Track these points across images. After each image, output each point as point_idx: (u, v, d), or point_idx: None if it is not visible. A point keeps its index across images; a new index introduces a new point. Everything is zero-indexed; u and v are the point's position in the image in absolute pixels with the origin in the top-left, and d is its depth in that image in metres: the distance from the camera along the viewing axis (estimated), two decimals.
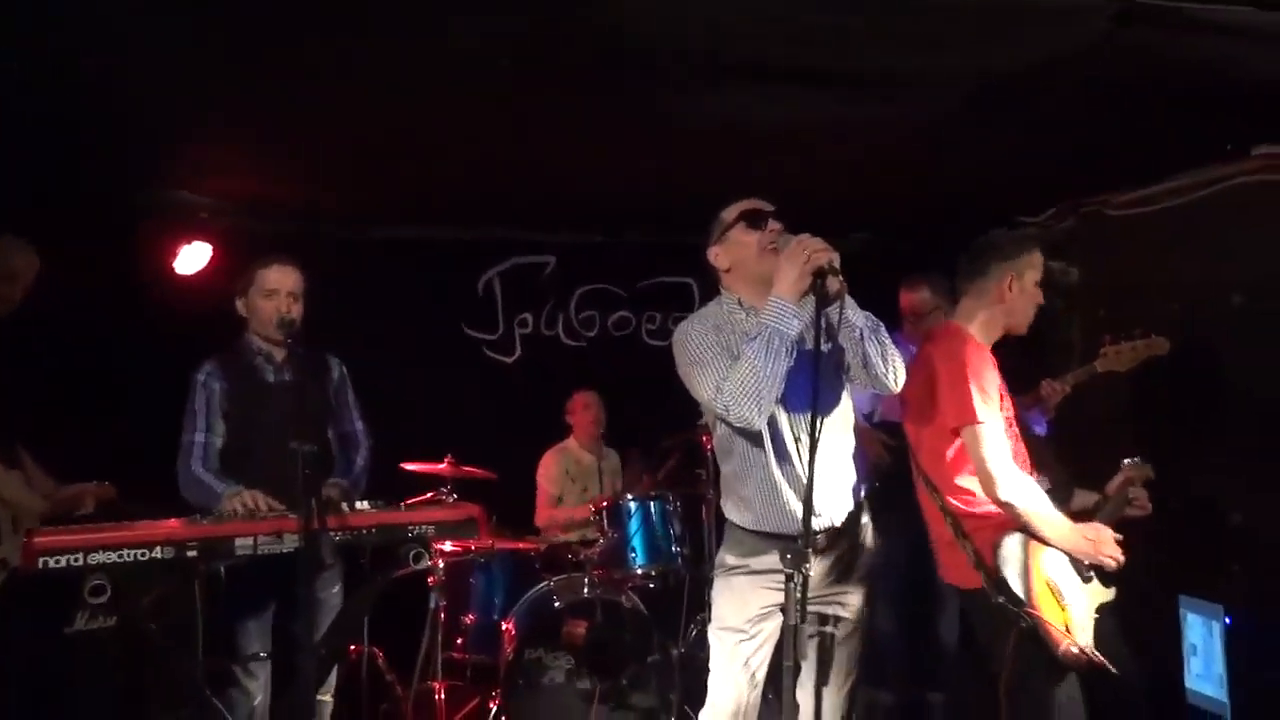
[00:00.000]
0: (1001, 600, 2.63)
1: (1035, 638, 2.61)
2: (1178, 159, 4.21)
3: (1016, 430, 2.88)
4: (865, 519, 2.69)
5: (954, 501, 2.78)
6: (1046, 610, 2.64)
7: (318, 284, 3.38)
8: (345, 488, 3.14)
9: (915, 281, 4.22)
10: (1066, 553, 2.75)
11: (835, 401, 2.60)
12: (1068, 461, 3.18)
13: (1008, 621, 2.63)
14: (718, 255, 2.65)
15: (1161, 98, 3.39)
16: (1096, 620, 2.76)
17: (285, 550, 2.75)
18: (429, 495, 3.86)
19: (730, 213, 2.63)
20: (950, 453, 2.77)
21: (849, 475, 2.65)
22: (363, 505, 2.95)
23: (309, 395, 3.13)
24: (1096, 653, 2.66)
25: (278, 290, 3.22)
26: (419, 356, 5.04)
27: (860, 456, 2.69)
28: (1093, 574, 2.81)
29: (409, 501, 3.34)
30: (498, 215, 5.07)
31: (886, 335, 2.54)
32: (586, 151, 3.87)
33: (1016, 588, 2.63)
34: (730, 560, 2.64)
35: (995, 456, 2.66)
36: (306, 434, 2.76)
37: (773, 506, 2.55)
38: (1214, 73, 3.14)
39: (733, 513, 2.66)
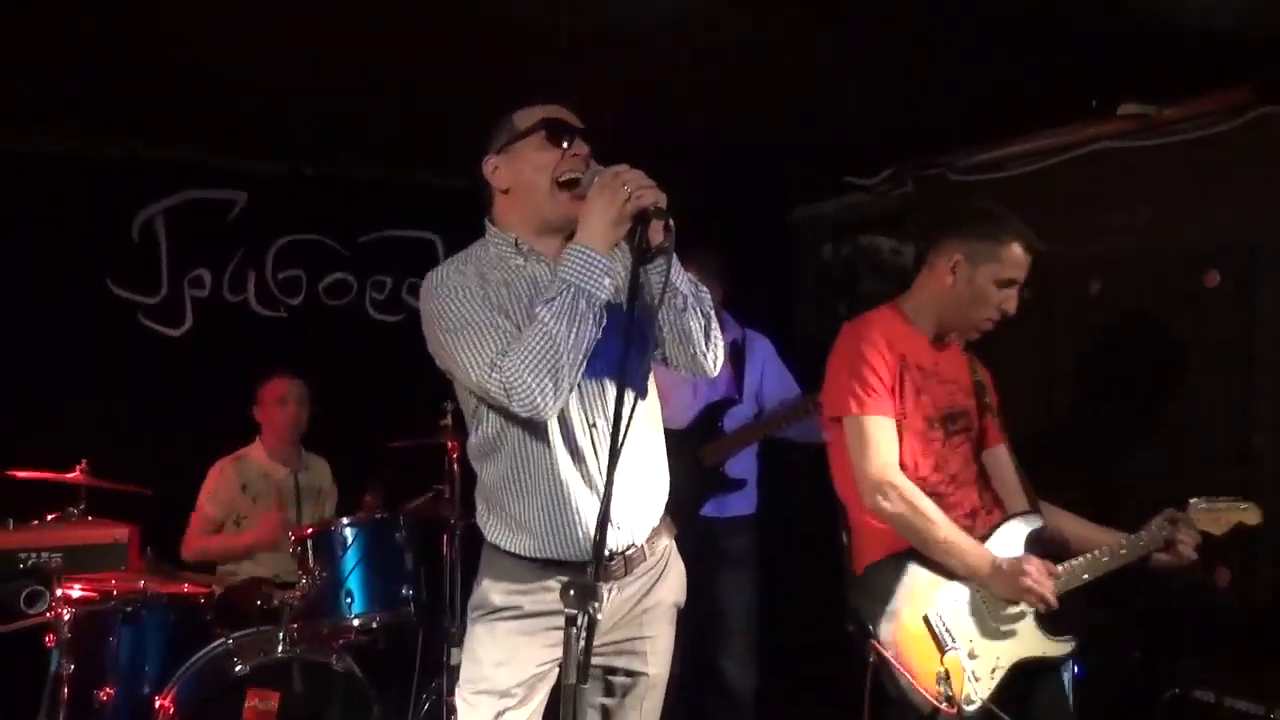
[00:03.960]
0: (851, 629, 2.75)
1: (888, 679, 2.72)
2: (1035, 114, 4.48)
3: (942, 434, 2.95)
4: (668, 540, 2.65)
5: (852, 508, 2.97)
6: (912, 652, 2.72)
7: None
8: None
9: (704, 256, 4.20)
10: (977, 584, 2.83)
11: (643, 384, 2.54)
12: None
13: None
14: (497, 170, 2.52)
15: (1020, 40, 3.55)
16: (1010, 673, 2.82)
17: None
18: (51, 516, 3.72)
19: (525, 117, 2.50)
20: (840, 451, 2.92)
21: (657, 481, 2.60)
22: None
23: None
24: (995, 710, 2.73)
25: None
26: (41, 321, 4.82)
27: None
28: (1025, 616, 2.87)
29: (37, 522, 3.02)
30: (163, 128, 4.80)
31: (710, 306, 2.52)
32: (294, 42, 3.68)
33: (869, 618, 2.73)
34: (495, 599, 2.52)
35: (867, 453, 2.78)
36: None
37: (561, 523, 2.45)
38: (1080, 11, 3.33)
39: (500, 535, 2.54)
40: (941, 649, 2.75)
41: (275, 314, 5.37)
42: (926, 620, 2.76)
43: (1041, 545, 2.94)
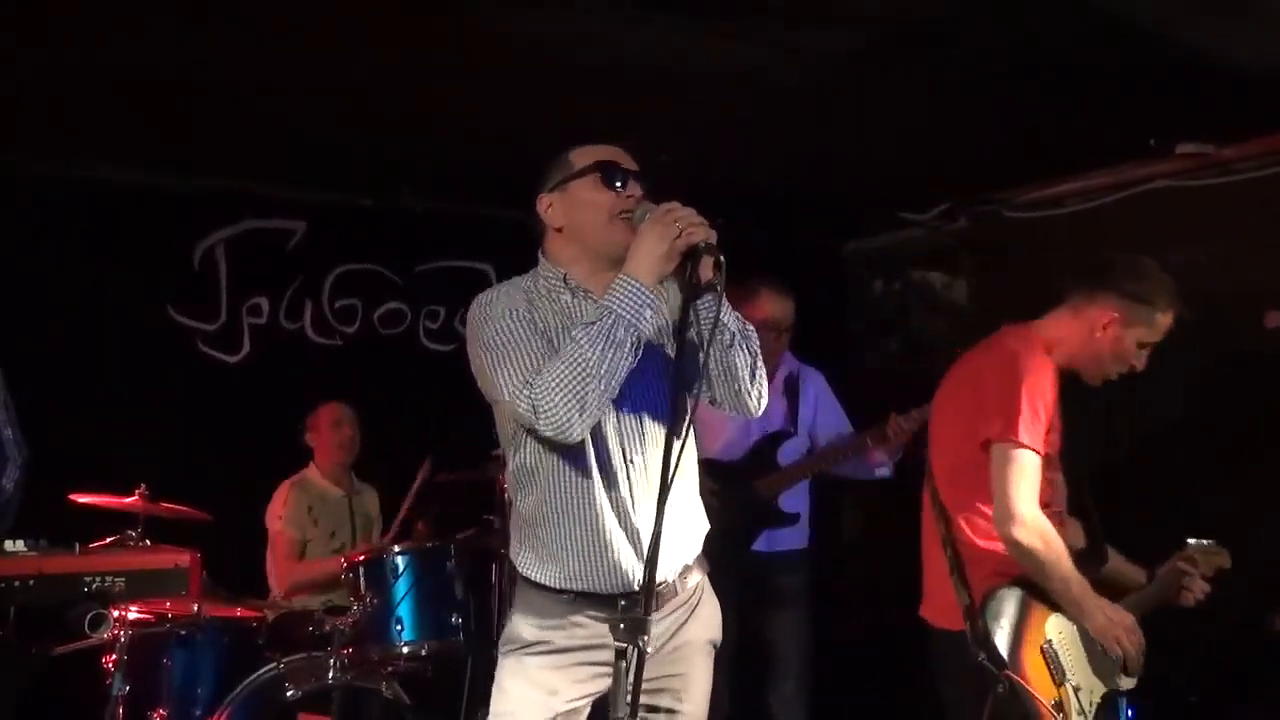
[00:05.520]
0: (982, 659, 2.77)
1: (1017, 709, 2.74)
2: (1091, 153, 4.47)
3: (1058, 471, 3.00)
4: (700, 576, 2.65)
5: (964, 527, 2.94)
6: (1035, 682, 2.76)
7: None
8: None
9: (784, 290, 4.27)
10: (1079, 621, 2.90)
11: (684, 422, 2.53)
12: None
13: (984, 683, 2.76)
14: (550, 208, 2.54)
15: (1078, 79, 3.56)
16: (1099, 707, 2.90)
17: None
18: (109, 539, 3.73)
19: (581, 156, 2.51)
20: (975, 469, 2.90)
21: (689, 519, 2.60)
22: (15, 545, 2.68)
23: None
24: None
25: None
26: (103, 346, 4.83)
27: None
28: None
29: (93, 545, 3.07)
30: (225, 158, 4.85)
31: (757, 344, 2.50)
32: (356, 75, 3.74)
33: (1001, 647, 2.77)
34: (525, 633, 2.53)
35: (1019, 486, 2.80)
36: None
37: (593, 555, 2.45)
38: (1143, 48, 3.33)
39: (531, 566, 2.55)
40: (1056, 680, 2.82)
41: (331, 342, 5.40)
42: (1043, 650, 2.83)
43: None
